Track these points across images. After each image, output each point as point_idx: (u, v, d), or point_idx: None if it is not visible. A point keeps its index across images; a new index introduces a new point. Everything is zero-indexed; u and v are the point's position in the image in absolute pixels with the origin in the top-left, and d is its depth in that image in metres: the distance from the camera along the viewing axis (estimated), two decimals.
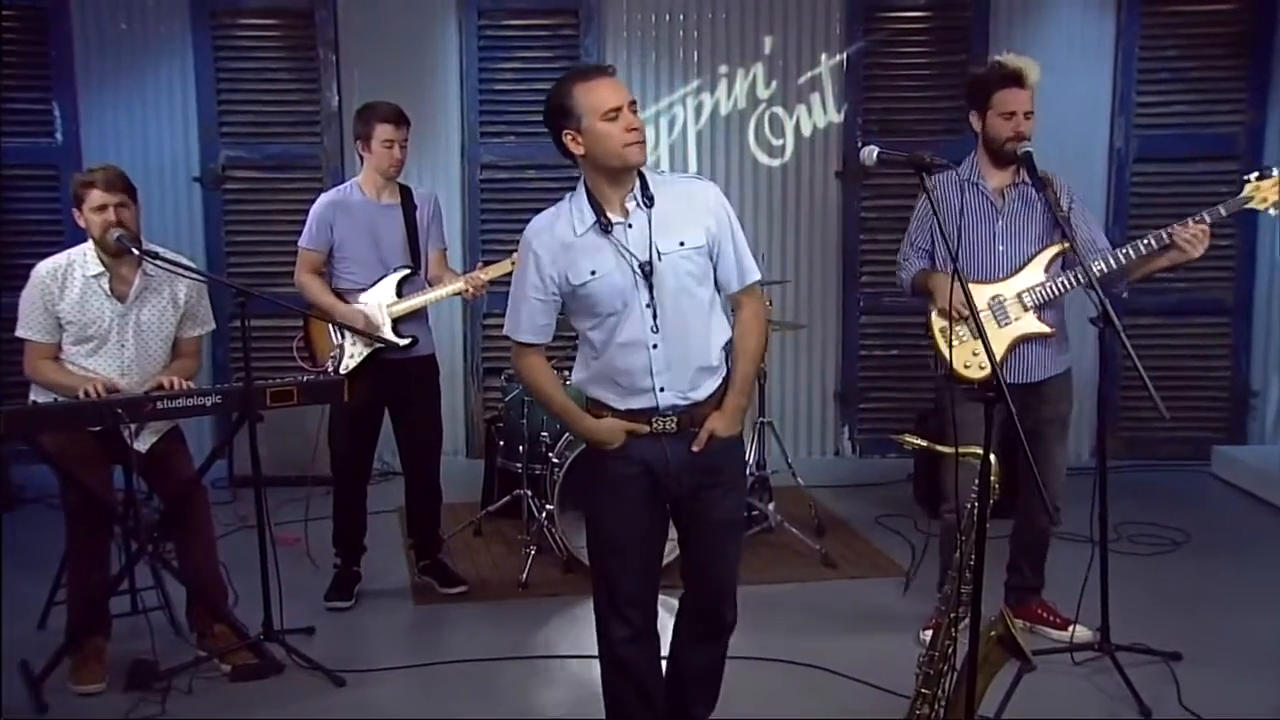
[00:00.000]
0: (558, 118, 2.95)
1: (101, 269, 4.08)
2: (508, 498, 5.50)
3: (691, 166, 6.88)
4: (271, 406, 4.09)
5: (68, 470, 4.00)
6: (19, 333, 4.09)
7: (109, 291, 4.08)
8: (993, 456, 2.93)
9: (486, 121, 6.80)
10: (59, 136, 6.64)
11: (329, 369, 4.65)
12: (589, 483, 3.21)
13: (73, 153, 6.58)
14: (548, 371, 3.19)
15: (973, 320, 2.91)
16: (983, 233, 4.17)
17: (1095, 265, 3.97)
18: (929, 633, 3.37)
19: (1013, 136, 4.09)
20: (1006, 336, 4.11)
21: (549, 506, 5.00)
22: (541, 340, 3.11)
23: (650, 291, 2.97)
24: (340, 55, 6.70)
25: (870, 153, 2.99)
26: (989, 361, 2.86)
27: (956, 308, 3.85)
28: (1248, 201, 3.98)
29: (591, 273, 2.97)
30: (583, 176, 3.03)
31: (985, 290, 4.11)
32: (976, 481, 3.01)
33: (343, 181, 5.15)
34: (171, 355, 4.24)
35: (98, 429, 3.97)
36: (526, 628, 4.56)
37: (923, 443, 3.24)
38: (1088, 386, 5.91)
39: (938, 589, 3.82)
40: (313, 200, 4.78)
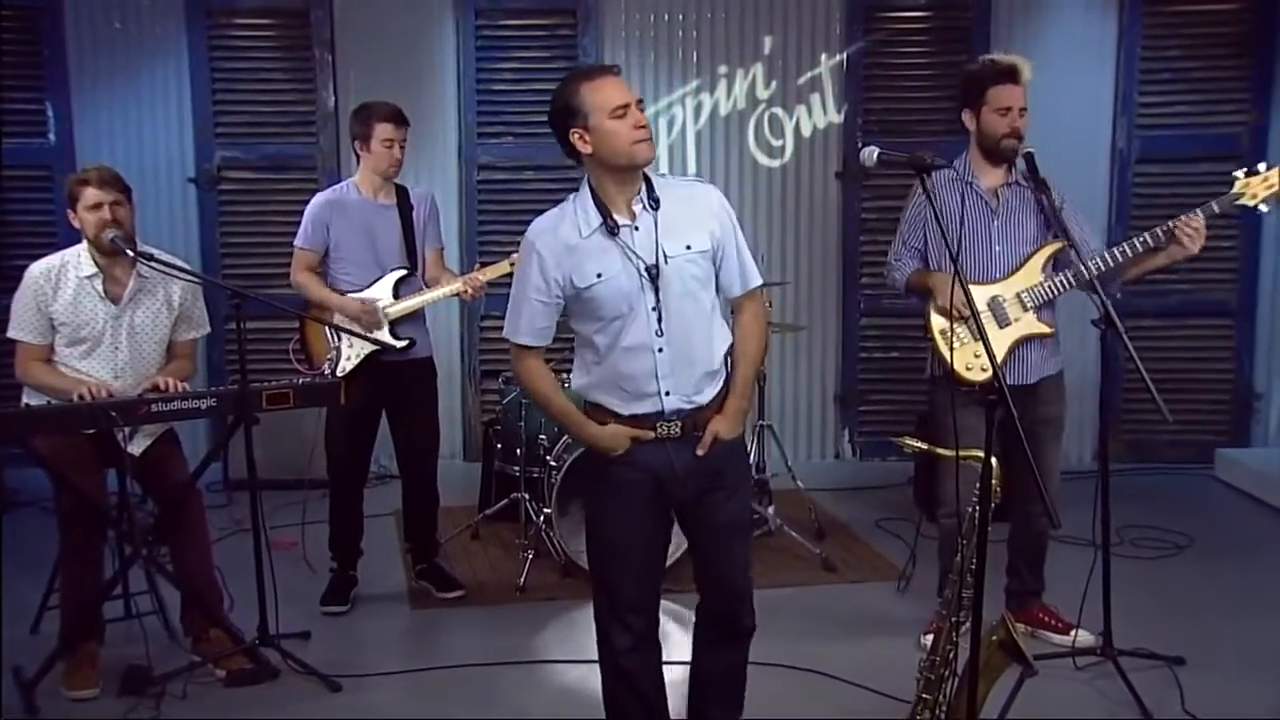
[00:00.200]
0: (564, 117, 2.92)
1: (95, 270, 4.06)
2: (505, 501, 5.49)
3: (690, 167, 6.86)
4: (267, 409, 4.07)
5: (61, 473, 3.97)
6: (10, 334, 4.07)
7: (103, 293, 4.07)
8: (993, 460, 2.92)
9: (484, 122, 6.79)
10: (52, 137, 6.62)
11: (325, 371, 4.63)
12: (591, 489, 3.17)
13: (66, 153, 6.56)
14: (548, 375, 3.15)
15: (974, 321, 2.90)
16: (979, 233, 4.15)
17: (1092, 264, 3.96)
18: (930, 637, 3.36)
19: (1008, 133, 4.08)
20: (1007, 338, 4.10)
21: (547, 510, 4.98)
22: (541, 343, 3.07)
23: (656, 295, 2.95)
24: (336, 55, 6.68)
25: (870, 153, 2.99)
26: (990, 363, 2.85)
27: (958, 308, 3.82)
28: (1239, 198, 3.96)
29: (598, 275, 2.94)
30: (586, 178, 3.00)
31: (984, 291, 4.10)
32: (977, 485, 3.00)
33: (339, 182, 5.13)
34: (166, 358, 4.22)
35: (91, 432, 3.95)
36: (524, 632, 4.54)
37: (923, 445, 3.24)
38: (1089, 389, 5.90)
39: (938, 593, 3.83)
40: (308, 200, 4.76)
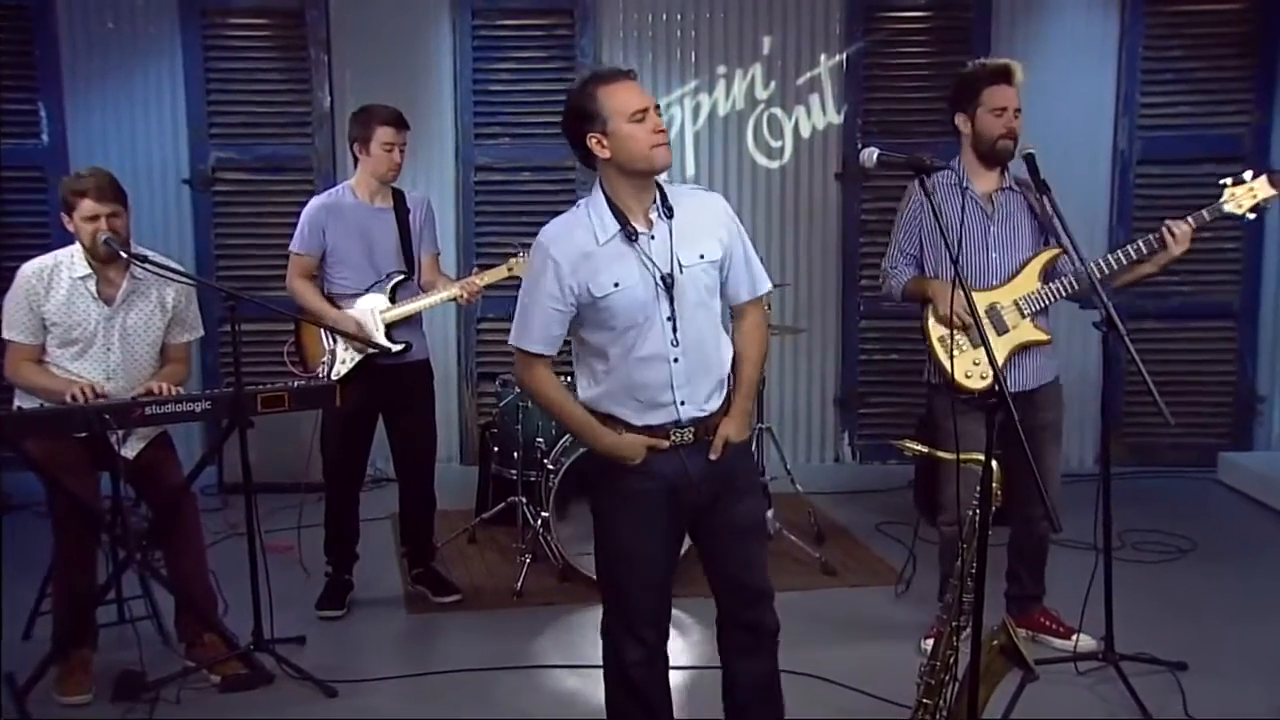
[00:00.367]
0: (580, 122, 2.88)
1: (89, 271, 4.05)
2: (502, 505, 5.47)
3: (689, 169, 6.84)
4: (262, 412, 4.05)
5: (54, 477, 3.95)
6: (2, 333, 4.04)
7: (96, 294, 4.05)
8: (994, 463, 2.92)
9: (481, 123, 6.76)
10: (45, 138, 6.60)
11: (321, 374, 4.61)
12: (601, 498, 3.11)
13: (59, 154, 6.54)
14: (558, 383, 3.09)
15: (977, 328, 2.90)
16: (976, 239, 4.14)
17: (1090, 268, 3.93)
18: (930, 642, 3.36)
19: (1004, 134, 4.07)
20: (1006, 345, 4.09)
21: (544, 514, 4.96)
22: (552, 351, 3.02)
23: (671, 304, 2.92)
24: (332, 55, 6.67)
25: (870, 154, 2.98)
26: (992, 371, 2.86)
27: (959, 315, 3.81)
28: (1225, 205, 3.97)
29: (615, 284, 2.89)
30: (600, 184, 2.96)
31: (982, 298, 4.07)
32: (978, 489, 2.99)
33: (334, 184, 5.13)
34: (159, 361, 4.20)
35: (84, 435, 3.92)
36: (521, 637, 4.52)
37: (923, 449, 3.23)
38: (1091, 391, 5.88)
39: (938, 598, 3.82)
40: (304, 203, 4.75)
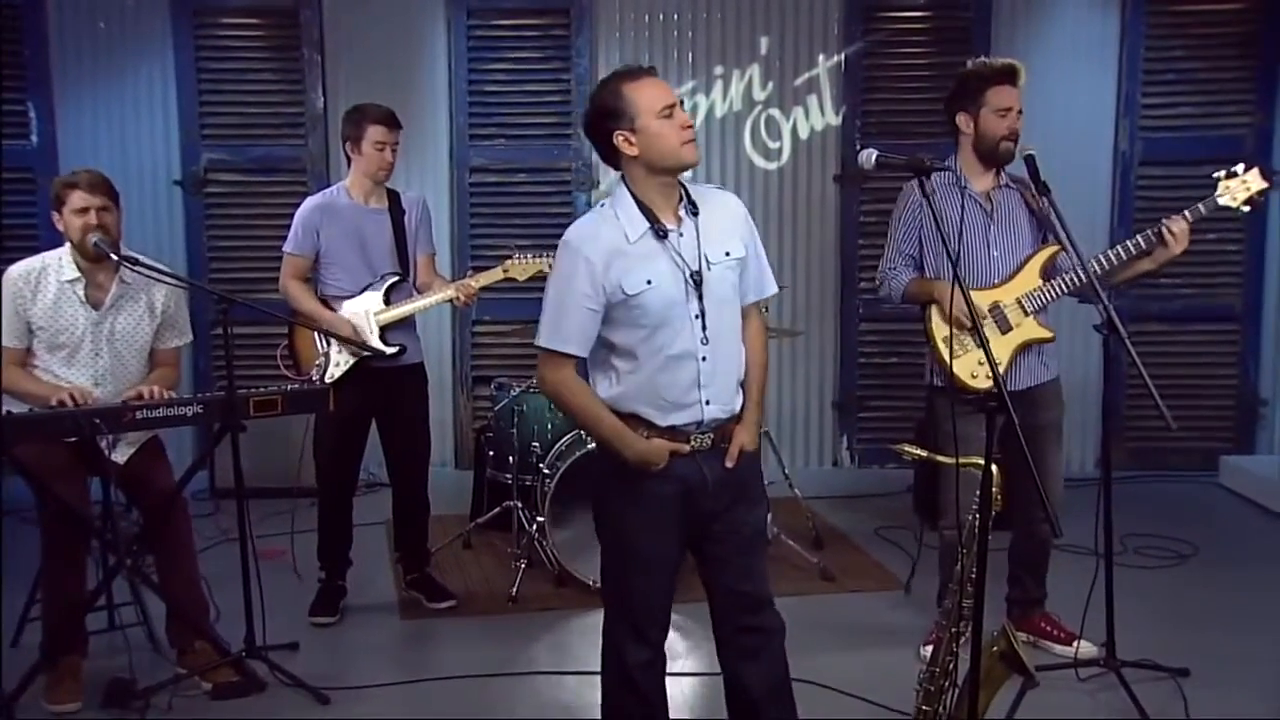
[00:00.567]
0: (606, 120, 2.89)
1: (77, 274, 4.02)
2: (497, 509, 5.45)
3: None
4: (255, 416, 4.03)
5: (43, 482, 3.92)
6: None
7: (84, 298, 4.03)
8: (994, 467, 2.91)
9: (476, 124, 6.74)
10: (34, 138, 6.57)
11: (314, 377, 4.59)
12: (614, 500, 3.07)
13: (49, 155, 6.52)
14: (588, 388, 3.04)
15: (976, 330, 2.92)
16: (977, 238, 4.14)
17: (1089, 266, 3.94)
18: (929, 648, 3.35)
19: (1007, 134, 4.08)
20: (1010, 344, 4.09)
21: (540, 518, 4.94)
22: (585, 353, 2.99)
23: (700, 302, 2.93)
24: (325, 56, 6.65)
25: (869, 156, 2.98)
26: (992, 370, 2.86)
27: (960, 317, 3.80)
28: (1221, 198, 4.01)
29: (647, 282, 2.89)
30: (625, 184, 2.96)
31: (984, 297, 4.09)
32: (977, 493, 2.99)
33: (328, 185, 5.11)
34: (148, 366, 4.18)
35: (73, 439, 3.90)
36: (517, 643, 4.51)
37: (923, 453, 3.23)
38: (1092, 395, 5.87)
39: (937, 603, 3.80)
40: (297, 205, 4.73)
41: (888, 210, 4.37)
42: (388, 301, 4.62)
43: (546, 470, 4.96)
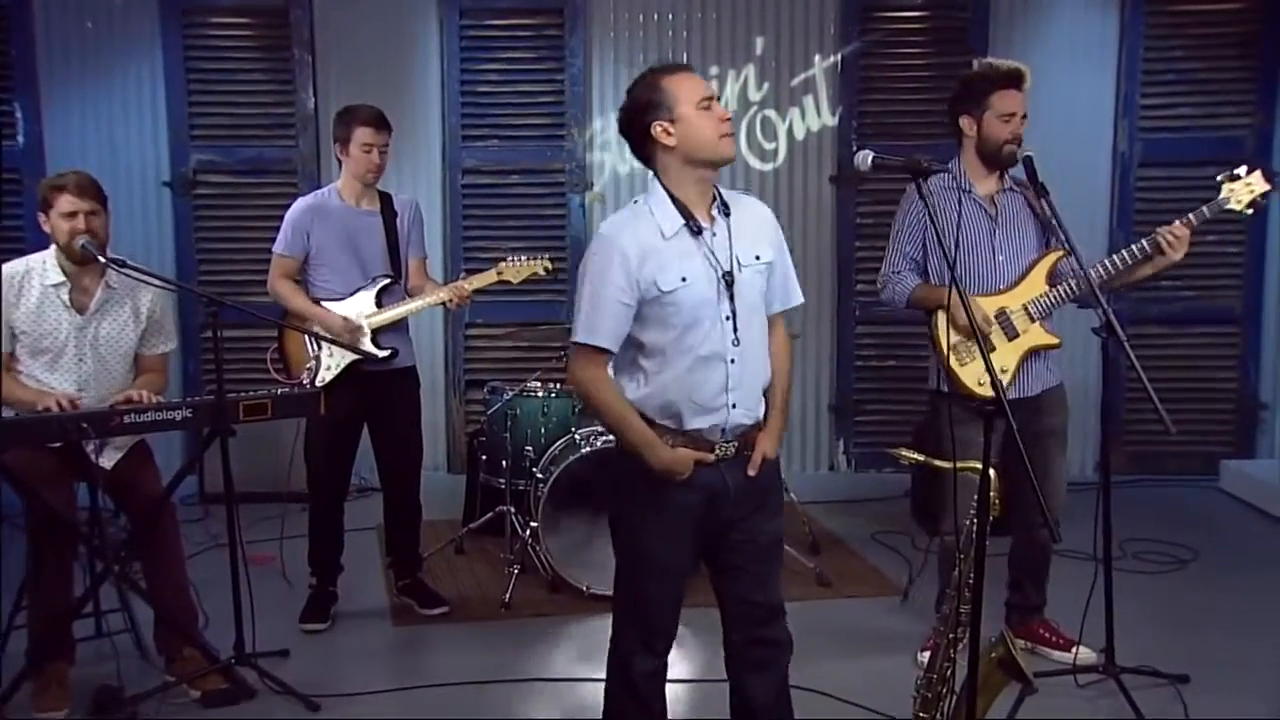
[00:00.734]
0: (644, 112, 2.87)
1: (62, 278, 3.99)
2: (490, 514, 5.43)
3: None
4: (244, 420, 4.01)
5: (29, 488, 3.89)
6: None
7: (68, 302, 4.00)
8: (992, 471, 2.91)
9: (468, 125, 6.73)
10: (21, 139, 6.53)
11: (304, 381, 4.57)
12: (633, 505, 3.04)
13: (35, 156, 6.49)
14: (619, 390, 3.00)
15: (980, 338, 2.96)
16: (981, 243, 4.11)
17: (1093, 272, 3.93)
18: (927, 654, 3.36)
19: (1011, 139, 4.05)
20: (1017, 350, 4.07)
21: (533, 524, 4.93)
22: (616, 349, 2.96)
23: (731, 303, 2.91)
24: (316, 56, 6.63)
25: (865, 157, 2.97)
26: (992, 378, 2.87)
27: (965, 326, 3.81)
28: (1226, 203, 3.99)
29: (682, 279, 2.86)
30: (659, 180, 2.93)
31: (990, 303, 4.06)
32: (976, 497, 2.98)
33: (319, 187, 5.10)
34: (133, 372, 4.15)
35: (61, 445, 3.87)
36: (510, 649, 4.49)
37: (920, 457, 3.23)
38: (1091, 399, 5.84)
39: (936, 609, 3.80)
40: (287, 206, 4.71)
41: (885, 212, 4.35)
42: (379, 304, 4.60)
43: (540, 475, 4.95)
